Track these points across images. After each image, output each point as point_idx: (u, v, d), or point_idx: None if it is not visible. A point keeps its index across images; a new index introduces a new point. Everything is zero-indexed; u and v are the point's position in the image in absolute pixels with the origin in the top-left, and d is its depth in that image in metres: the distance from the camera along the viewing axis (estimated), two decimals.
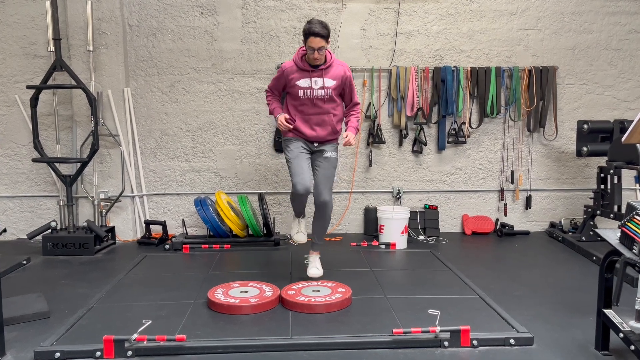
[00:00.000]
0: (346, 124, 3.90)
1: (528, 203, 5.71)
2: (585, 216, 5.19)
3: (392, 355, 2.80)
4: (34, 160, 4.93)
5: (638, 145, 4.47)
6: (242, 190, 5.53)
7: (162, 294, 3.69)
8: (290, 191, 3.84)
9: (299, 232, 4.05)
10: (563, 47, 5.60)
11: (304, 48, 3.62)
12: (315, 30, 3.47)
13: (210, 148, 5.51)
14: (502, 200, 5.72)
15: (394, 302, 3.52)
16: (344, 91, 3.83)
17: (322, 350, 2.84)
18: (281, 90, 3.88)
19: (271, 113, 3.92)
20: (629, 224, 2.61)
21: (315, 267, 3.93)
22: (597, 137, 5.19)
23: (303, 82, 3.68)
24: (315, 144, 3.83)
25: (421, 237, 5.41)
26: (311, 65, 3.67)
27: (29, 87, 4.85)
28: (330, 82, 3.70)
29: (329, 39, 3.58)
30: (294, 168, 3.75)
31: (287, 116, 3.77)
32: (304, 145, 3.81)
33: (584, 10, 5.56)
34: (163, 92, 5.42)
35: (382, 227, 5.09)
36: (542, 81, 5.52)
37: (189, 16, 5.35)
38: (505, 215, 5.71)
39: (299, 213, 4.02)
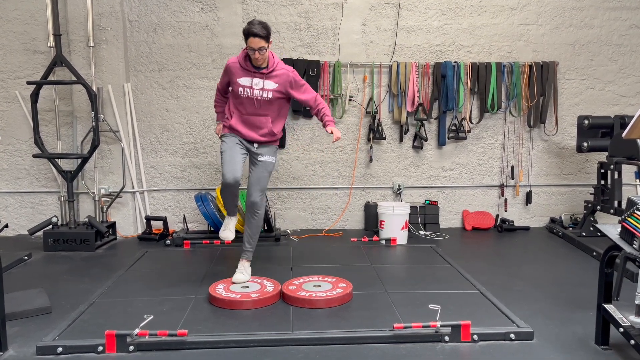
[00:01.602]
0: (321, 120, 3.83)
1: (528, 198, 5.72)
2: (585, 211, 5.19)
3: (393, 350, 2.81)
4: (35, 156, 4.93)
5: (638, 140, 4.47)
6: (242, 186, 5.51)
7: (163, 289, 3.70)
8: (221, 183, 3.76)
9: (227, 230, 3.93)
10: (564, 43, 5.60)
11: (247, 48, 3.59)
12: (254, 31, 3.46)
13: (210, 144, 5.51)
14: (503, 195, 5.73)
15: (395, 297, 3.53)
16: (294, 92, 3.76)
17: (323, 345, 2.85)
18: (226, 88, 3.87)
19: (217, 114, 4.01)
20: (629, 219, 2.61)
21: (241, 272, 3.76)
22: (597, 132, 5.19)
23: (244, 81, 3.67)
24: (255, 145, 3.81)
25: (421, 232, 5.42)
26: (254, 66, 3.66)
27: (29, 83, 4.84)
28: (271, 85, 3.67)
29: (270, 39, 3.57)
30: (225, 158, 3.70)
31: (221, 128, 3.84)
32: (239, 142, 3.79)
33: (585, 5, 5.55)
34: (163, 88, 5.42)
35: (383, 223, 5.09)
36: (542, 77, 5.51)
37: (189, 11, 5.34)
38: (506, 210, 5.72)
39: (231, 211, 3.93)
